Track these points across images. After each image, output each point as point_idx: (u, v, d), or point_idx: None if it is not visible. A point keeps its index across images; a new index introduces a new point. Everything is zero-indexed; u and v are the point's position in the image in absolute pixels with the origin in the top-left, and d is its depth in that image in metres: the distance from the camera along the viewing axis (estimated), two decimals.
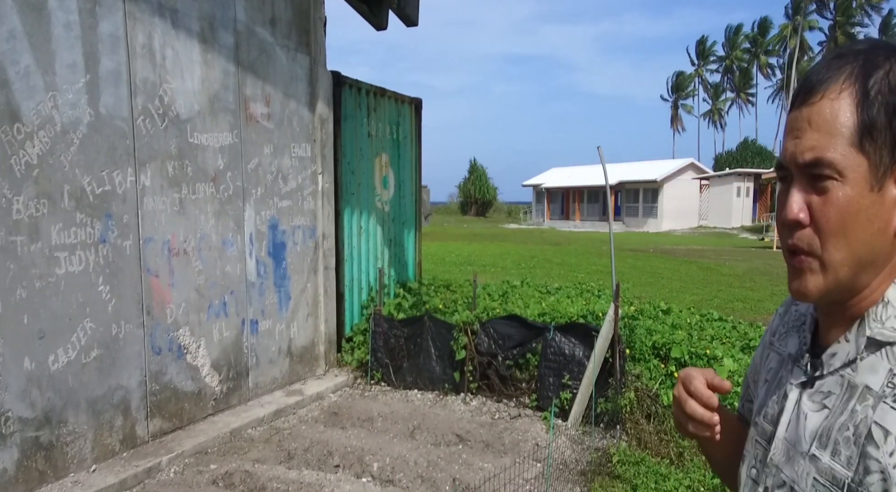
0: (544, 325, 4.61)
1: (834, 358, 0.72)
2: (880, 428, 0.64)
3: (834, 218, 0.66)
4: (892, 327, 0.67)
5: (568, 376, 4.46)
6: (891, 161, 0.65)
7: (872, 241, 0.66)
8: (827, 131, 0.65)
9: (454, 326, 4.84)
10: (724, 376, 4.75)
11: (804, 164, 0.67)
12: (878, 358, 0.67)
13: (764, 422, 0.80)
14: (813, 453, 0.70)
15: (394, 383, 5.10)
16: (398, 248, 6.78)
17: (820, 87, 0.67)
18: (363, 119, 6.01)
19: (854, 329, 0.70)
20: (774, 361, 0.85)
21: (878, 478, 0.63)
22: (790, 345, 0.83)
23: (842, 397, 0.69)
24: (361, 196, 6.03)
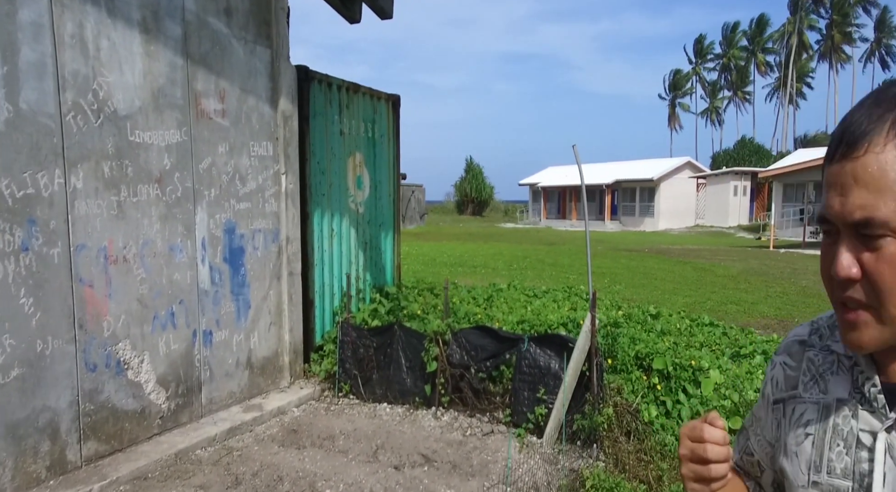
0: (518, 336, 4.32)
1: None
2: None
3: (890, 275, 0.65)
4: None
5: (543, 389, 4.17)
6: None
7: None
8: (876, 188, 0.64)
9: (425, 336, 4.55)
10: (711, 387, 4.48)
11: (854, 223, 0.66)
12: None
13: (832, 479, 0.74)
14: None
15: (363, 395, 4.81)
16: (374, 251, 6.49)
17: (863, 139, 0.64)
18: (334, 116, 5.71)
19: None
20: (811, 412, 0.79)
21: None
22: (835, 389, 0.77)
23: None
24: (333, 197, 5.74)
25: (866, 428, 0.72)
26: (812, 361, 0.82)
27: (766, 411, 0.87)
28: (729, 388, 4.54)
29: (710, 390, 4.43)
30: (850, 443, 0.73)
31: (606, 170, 39.67)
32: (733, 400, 4.37)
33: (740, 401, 4.38)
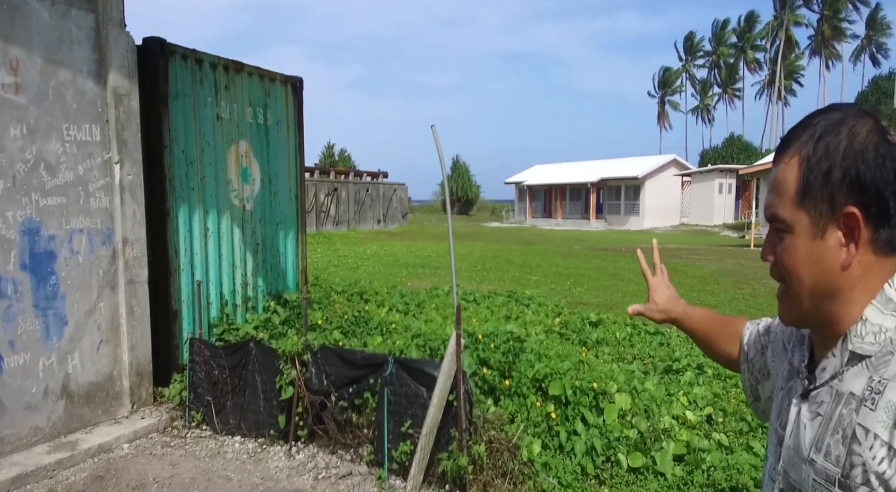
0: (382, 357, 3.59)
1: (824, 372, 0.84)
2: (862, 428, 0.76)
3: (788, 262, 0.84)
4: (870, 342, 0.79)
5: (410, 422, 3.45)
6: (830, 212, 0.79)
7: (822, 277, 0.81)
8: (779, 192, 0.83)
9: (284, 355, 3.82)
10: (615, 415, 3.76)
11: (767, 218, 0.86)
12: (860, 369, 0.79)
13: (779, 428, 0.93)
14: (811, 457, 0.82)
15: (216, 426, 4.08)
16: (269, 253, 5.75)
17: (784, 150, 0.84)
18: (207, 98, 4.97)
19: (839, 345, 0.83)
20: (786, 371, 0.97)
21: (860, 471, 0.75)
22: (797, 359, 0.95)
23: (831, 405, 0.81)
24: (207, 191, 4.99)
25: (794, 394, 0.91)
26: (789, 333, 1.01)
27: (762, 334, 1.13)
28: (639, 414, 3.83)
29: (614, 418, 3.72)
30: (787, 404, 0.92)
31: (592, 168, 39.03)
32: (640, 429, 3.66)
33: (649, 431, 3.67)
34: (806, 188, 0.80)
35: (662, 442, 3.59)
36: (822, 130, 0.80)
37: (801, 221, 0.81)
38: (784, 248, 0.83)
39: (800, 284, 0.83)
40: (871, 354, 0.79)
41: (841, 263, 0.80)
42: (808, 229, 0.81)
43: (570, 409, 3.82)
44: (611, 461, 3.53)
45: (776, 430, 0.94)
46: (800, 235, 0.82)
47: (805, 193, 0.80)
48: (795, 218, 0.82)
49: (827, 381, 0.83)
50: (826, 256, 0.80)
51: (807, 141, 0.81)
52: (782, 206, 0.83)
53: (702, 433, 3.74)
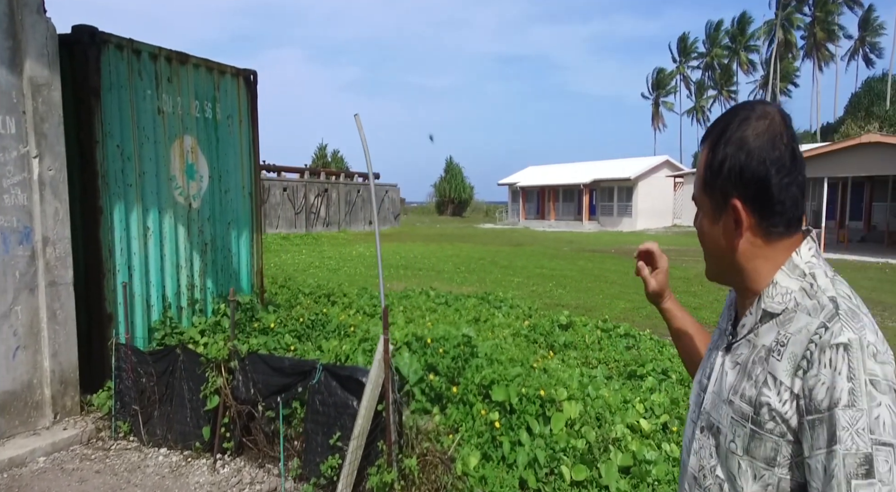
0: (311, 364, 3.36)
1: (743, 328, 0.99)
2: (771, 376, 0.90)
3: (699, 236, 1.01)
4: (779, 302, 0.93)
5: (339, 433, 3.21)
6: (722, 201, 0.94)
7: (721, 255, 0.98)
8: (697, 176, 0.98)
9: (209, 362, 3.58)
10: (562, 424, 3.53)
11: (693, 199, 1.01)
12: (771, 325, 0.94)
13: (703, 379, 1.06)
14: (730, 398, 0.96)
15: (143, 437, 3.83)
16: (220, 253, 5.51)
17: (705, 138, 0.97)
18: (147, 91, 4.73)
19: (755, 304, 0.96)
20: (716, 335, 1.10)
21: (767, 410, 0.89)
22: (724, 321, 1.09)
23: (747, 356, 0.96)
24: (147, 188, 4.76)
25: (720, 345, 1.04)
26: (728, 301, 1.12)
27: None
28: (589, 423, 3.60)
29: (561, 427, 3.48)
30: (715, 356, 1.05)
31: (584, 169, 38.85)
32: (589, 440, 3.43)
33: (598, 441, 3.45)
34: (707, 178, 0.95)
35: (610, 453, 3.36)
36: (727, 125, 0.93)
37: (706, 205, 0.97)
38: (698, 224, 1.01)
39: (708, 255, 1.02)
40: (780, 312, 0.93)
41: (731, 245, 0.96)
42: (710, 213, 0.96)
43: (516, 417, 3.59)
44: (554, 474, 3.30)
45: (700, 382, 1.08)
46: (706, 217, 0.98)
47: (706, 181, 0.95)
48: (702, 201, 0.97)
49: (745, 335, 0.97)
50: (721, 237, 0.96)
51: (715, 135, 0.94)
52: (696, 189, 0.98)
53: (654, 443, 3.51)
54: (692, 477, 1.03)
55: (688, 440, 1.07)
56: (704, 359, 1.10)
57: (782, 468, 0.89)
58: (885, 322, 8.04)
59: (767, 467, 0.90)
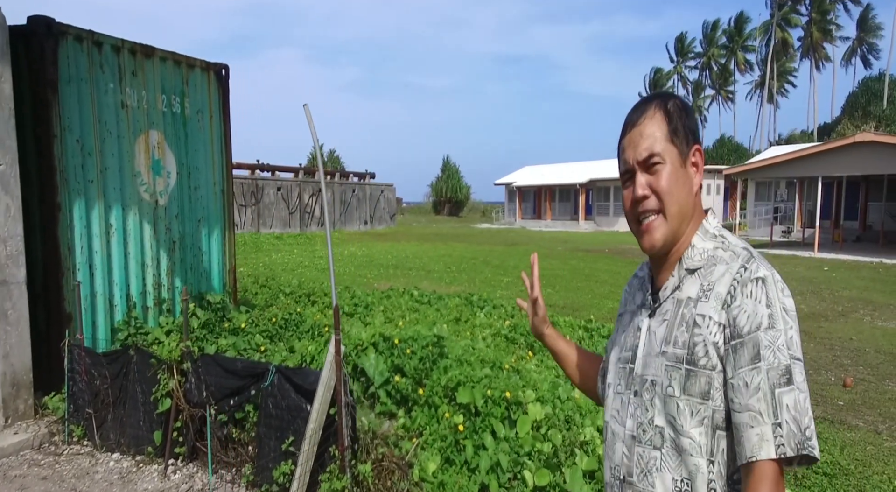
0: (264, 366, 3.23)
1: (666, 290, 1.10)
2: (700, 316, 1.02)
3: (665, 185, 1.07)
4: (699, 260, 1.08)
5: (293, 438, 3.08)
6: (687, 148, 1.09)
7: (686, 198, 1.08)
8: (652, 136, 1.08)
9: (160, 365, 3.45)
10: (528, 427, 3.40)
11: (643, 159, 1.08)
12: (694, 279, 1.07)
13: (624, 352, 1.18)
14: (663, 349, 1.06)
15: (96, 442, 3.70)
16: (190, 252, 5.38)
17: (641, 115, 1.11)
18: (110, 84, 4.60)
19: (676, 267, 1.10)
20: (627, 317, 1.22)
21: (701, 346, 1.01)
22: (637, 300, 1.20)
23: (674, 310, 1.07)
24: (109, 185, 4.62)
25: (641, 318, 1.15)
26: (632, 286, 1.26)
27: (616, 323, 1.30)
28: (557, 425, 3.47)
29: (527, 431, 3.36)
30: (634, 330, 1.16)
31: (581, 169, 38.73)
32: (555, 443, 3.30)
33: (565, 445, 3.32)
34: (674, 129, 1.08)
35: (576, 457, 3.23)
36: (662, 99, 1.11)
37: (673, 153, 1.07)
38: (662, 175, 1.07)
39: (674, 203, 1.07)
40: (701, 266, 1.06)
41: (695, 188, 1.10)
42: (678, 159, 1.07)
43: (480, 420, 3.46)
44: (517, 479, 3.17)
45: (622, 356, 1.18)
46: (672, 164, 1.07)
47: (674, 132, 1.08)
48: (669, 152, 1.07)
49: (669, 295, 1.09)
50: (688, 181, 1.08)
51: (658, 103, 1.11)
52: (657, 144, 1.07)
53: None
54: (630, 437, 1.11)
55: (617, 411, 1.16)
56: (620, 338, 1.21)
57: (715, 400, 1.00)
58: (875, 322, 7.92)
59: (703, 402, 1.00)
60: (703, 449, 1.01)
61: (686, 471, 1.02)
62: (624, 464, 1.11)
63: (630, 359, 1.13)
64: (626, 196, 1.11)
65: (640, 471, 1.08)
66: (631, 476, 1.09)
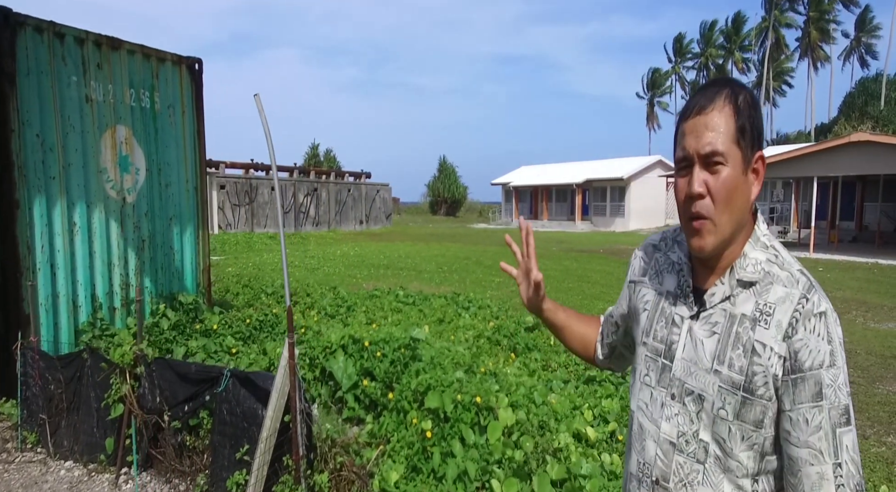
0: (218, 370, 3.07)
1: (713, 297, 1.04)
2: (760, 343, 0.98)
3: (723, 191, 0.99)
4: (752, 272, 1.02)
5: (248, 446, 2.93)
6: (751, 153, 1.01)
7: (743, 208, 1.02)
8: (717, 132, 0.99)
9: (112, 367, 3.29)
10: (498, 433, 3.25)
11: (704, 154, 1.00)
12: (748, 294, 1.01)
13: (654, 342, 1.12)
14: (715, 368, 1.01)
15: (50, 449, 3.54)
16: (160, 251, 5.22)
17: (710, 103, 1.01)
18: (73, 77, 4.44)
19: (727, 275, 1.03)
20: (651, 295, 1.16)
21: (761, 376, 0.97)
22: (667, 283, 1.13)
23: (726, 325, 1.02)
24: (72, 181, 4.47)
25: (680, 314, 1.09)
26: (658, 261, 1.19)
27: (625, 287, 1.27)
28: (530, 431, 3.32)
29: (498, 437, 3.20)
30: (668, 321, 1.10)
31: (577, 169, 38.60)
32: (526, 450, 3.15)
33: (536, 453, 3.17)
34: (742, 129, 1.00)
35: (547, 465, 3.08)
36: (734, 90, 1.03)
37: (737, 157, 1.00)
38: (721, 179, 1.00)
39: (728, 211, 1.00)
40: (754, 281, 1.02)
41: (753, 197, 1.03)
42: (741, 165, 1.00)
43: (449, 427, 3.31)
44: (486, 488, 3.02)
45: (651, 345, 1.12)
46: (734, 169, 1.00)
47: (741, 132, 1.00)
48: (734, 153, 1.00)
49: (717, 304, 1.04)
50: (747, 191, 1.02)
51: (730, 94, 1.02)
52: (722, 143, 0.99)
53: (597, 453, 3.24)
54: (667, 442, 1.08)
55: (647, 405, 1.12)
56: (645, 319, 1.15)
57: (766, 428, 0.99)
58: (868, 323, 7.78)
59: (756, 429, 0.99)
60: (749, 471, 1.01)
61: (729, 488, 1.02)
62: (658, 466, 1.09)
63: (664, 354, 1.09)
64: (680, 186, 1.04)
65: (679, 480, 1.06)
66: (666, 482, 1.08)
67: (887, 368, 5.74)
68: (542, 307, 1.31)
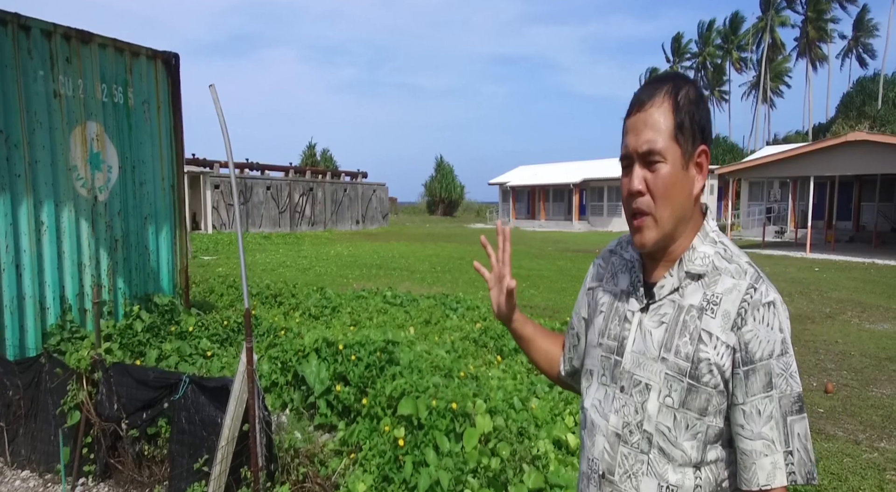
0: (177, 376, 2.93)
1: (663, 289, 1.05)
2: (705, 332, 0.99)
3: (661, 188, 1.00)
4: (700, 265, 1.03)
5: (207, 456, 2.79)
6: (692, 148, 1.01)
7: (685, 202, 1.02)
8: (656, 129, 1.00)
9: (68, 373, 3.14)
10: (475, 441, 3.11)
11: (642, 153, 1.01)
12: (696, 286, 1.02)
13: (608, 341, 1.12)
14: (662, 356, 1.02)
15: (7, 458, 3.39)
16: (135, 250, 5.07)
17: (649, 100, 1.02)
18: (39, 72, 4.29)
19: (675, 268, 1.04)
20: (607, 297, 1.16)
21: (706, 364, 0.98)
22: (622, 283, 1.14)
23: (674, 315, 1.03)
24: (39, 179, 4.32)
25: (631, 309, 1.09)
26: (613, 263, 1.19)
27: (583, 296, 1.25)
28: (507, 438, 3.17)
29: (474, 445, 3.06)
30: (621, 318, 1.10)
31: (575, 169, 38.47)
32: (504, 458, 3.01)
33: (514, 460, 3.03)
34: (680, 125, 1.00)
35: (524, 474, 2.95)
36: (676, 85, 1.03)
37: (676, 153, 1.01)
38: (659, 176, 1.01)
39: (668, 207, 1.01)
40: (703, 273, 1.03)
41: (695, 192, 1.03)
42: (680, 161, 1.01)
43: (423, 434, 3.17)
44: None
45: (606, 344, 1.13)
46: (673, 165, 1.01)
47: (679, 128, 1.00)
48: (671, 150, 1.00)
49: (666, 295, 1.05)
50: (687, 184, 1.02)
51: (670, 89, 1.02)
52: (660, 140, 1.00)
53: (577, 460, 3.10)
54: (614, 434, 1.08)
55: (599, 402, 1.12)
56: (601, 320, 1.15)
57: (710, 416, 0.99)
58: (863, 324, 7.65)
59: (700, 417, 0.99)
60: (692, 460, 1.01)
61: (673, 479, 1.01)
62: (605, 460, 1.09)
63: (616, 350, 1.10)
64: (623, 184, 1.06)
65: (624, 472, 1.06)
66: (612, 474, 1.08)
67: (881, 370, 5.61)
68: (511, 317, 1.29)
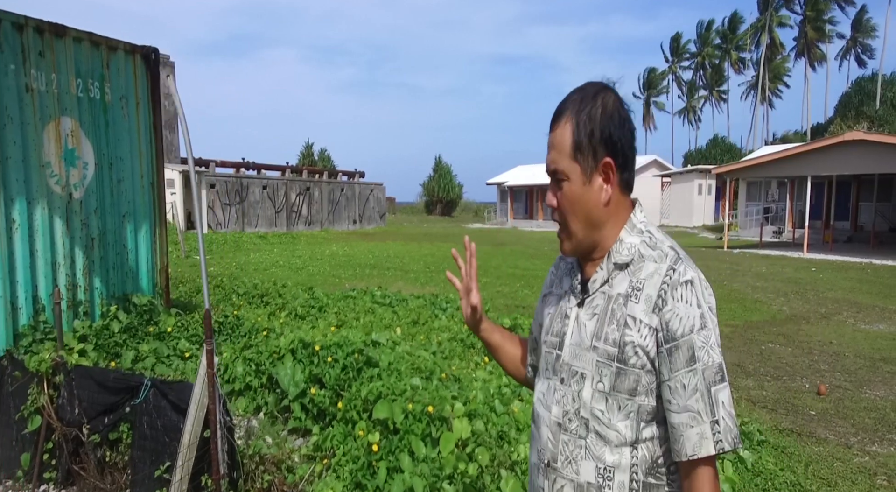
0: (138, 379, 2.81)
1: (595, 283, 1.12)
2: (630, 317, 1.05)
3: (567, 204, 1.10)
4: (626, 254, 1.09)
5: (169, 463, 2.67)
6: (594, 163, 1.07)
7: (591, 213, 1.09)
8: (558, 150, 1.09)
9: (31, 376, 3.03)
10: (451, 446, 2.99)
11: (549, 172, 1.12)
12: (623, 275, 1.08)
13: (551, 337, 1.19)
14: (594, 345, 1.09)
15: None
16: (112, 249, 4.95)
17: (559, 117, 1.10)
18: (10, 65, 4.17)
19: (605, 261, 1.11)
20: (554, 300, 1.23)
21: (631, 347, 1.04)
22: (565, 285, 1.21)
23: (604, 305, 1.09)
24: (10, 176, 4.20)
25: (570, 305, 1.16)
26: (560, 268, 1.27)
27: (540, 303, 1.31)
28: (488, 442, 3.06)
29: (451, 450, 2.95)
30: (562, 316, 1.17)
31: None
32: (482, 464, 2.90)
33: (493, 466, 2.92)
34: (577, 145, 1.07)
35: (501, 480, 2.84)
36: (582, 101, 1.08)
37: (575, 171, 1.08)
38: (564, 194, 1.10)
39: (576, 220, 1.10)
40: (628, 262, 1.08)
41: (603, 201, 1.09)
42: (580, 177, 1.08)
43: (398, 439, 3.06)
44: None
45: (550, 341, 1.19)
46: (574, 182, 1.08)
47: (577, 148, 1.07)
48: (571, 169, 1.08)
49: (598, 288, 1.12)
50: (592, 197, 1.08)
51: (574, 110, 1.08)
52: (562, 160, 1.09)
53: None
54: (556, 424, 1.13)
55: (543, 394, 1.18)
56: (548, 325, 1.21)
57: (640, 396, 1.05)
58: (858, 325, 7.55)
59: (630, 398, 1.05)
60: (627, 440, 1.06)
61: (610, 459, 1.07)
62: (549, 449, 1.14)
63: (557, 345, 1.16)
64: None
65: (565, 458, 1.11)
66: (556, 462, 1.13)
67: (875, 371, 5.50)
68: (479, 327, 1.41)
